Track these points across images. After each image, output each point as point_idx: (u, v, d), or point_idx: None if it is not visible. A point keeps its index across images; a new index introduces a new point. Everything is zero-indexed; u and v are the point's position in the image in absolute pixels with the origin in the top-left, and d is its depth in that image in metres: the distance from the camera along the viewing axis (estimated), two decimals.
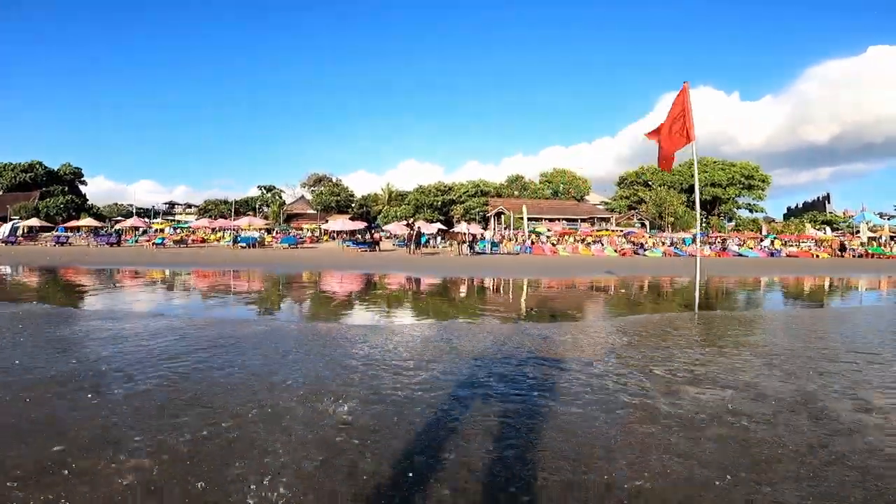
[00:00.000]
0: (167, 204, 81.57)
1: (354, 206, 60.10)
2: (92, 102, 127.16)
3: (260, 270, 15.30)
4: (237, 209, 56.23)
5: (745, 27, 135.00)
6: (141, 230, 41.60)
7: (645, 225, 48.03)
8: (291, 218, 57.71)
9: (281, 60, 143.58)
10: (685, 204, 50.63)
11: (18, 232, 40.02)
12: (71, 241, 35.46)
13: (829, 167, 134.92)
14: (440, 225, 43.27)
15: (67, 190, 53.39)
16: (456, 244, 28.50)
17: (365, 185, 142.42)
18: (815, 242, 38.77)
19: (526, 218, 35.31)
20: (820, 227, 49.87)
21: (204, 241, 37.68)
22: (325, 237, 43.54)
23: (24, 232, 40.54)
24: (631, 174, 59.56)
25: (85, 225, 40.72)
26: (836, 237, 41.12)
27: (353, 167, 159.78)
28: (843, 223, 52.41)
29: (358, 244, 31.11)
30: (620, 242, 34.55)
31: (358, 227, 38.83)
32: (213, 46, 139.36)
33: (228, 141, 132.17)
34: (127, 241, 35.77)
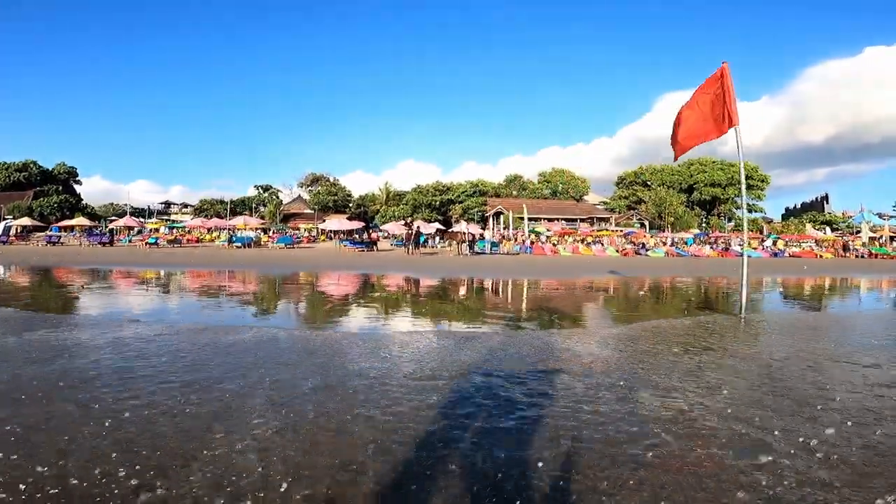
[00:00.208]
0: (163, 204, 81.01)
1: (352, 205, 59.73)
2: (89, 102, 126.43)
3: (251, 272, 14.76)
4: (234, 209, 55.79)
5: (743, 27, 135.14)
6: (136, 230, 41.16)
7: (644, 225, 47.74)
8: (288, 218, 57.29)
9: (279, 60, 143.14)
10: (685, 204, 50.42)
11: (11, 231, 39.64)
12: (63, 240, 34.90)
13: (825, 168, 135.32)
14: (438, 225, 42.91)
15: (62, 189, 52.85)
16: (455, 244, 28.07)
17: (363, 185, 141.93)
18: (815, 243, 38.53)
19: (526, 218, 34.91)
20: (820, 227, 49.67)
21: (199, 240, 37.20)
22: (322, 237, 43.13)
23: (17, 232, 40.07)
24: (630, 174, 59.26)
25: (78, 224, 40.18)
26: (837, 237, 40.89)
27: (350, 167, 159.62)
28: (842, 223, 52.25)
29: (355, 244, 30.70)
30: (621, 242, 34.20)
31: (355, 226, 38.39)
32: (211, 46, 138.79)
33: (226, 141, 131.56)
34: (120, 240, 35.25)
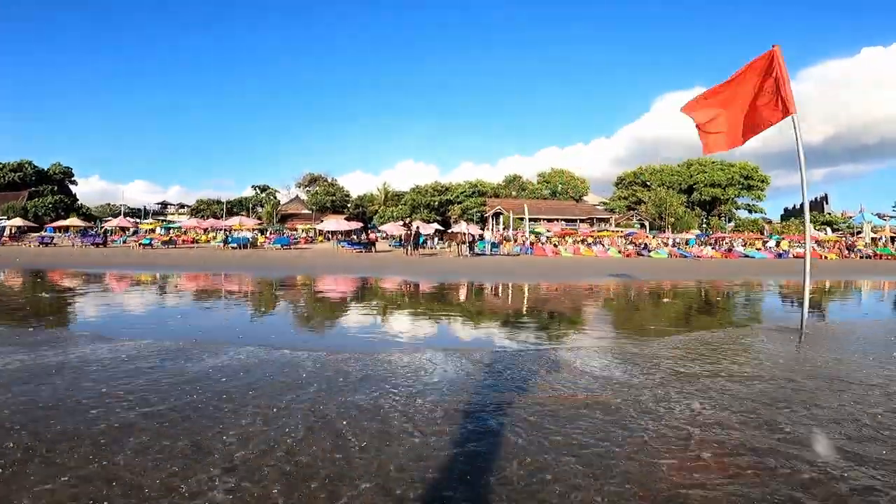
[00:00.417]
0: (159, 204, 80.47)
1: (350, 206, 59.32)
2: (88, 103, 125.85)
3: (242, 275, 14.27)
4: (231, 209, 55.35)
5: (741, 28, 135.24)
6: (131, 230, 40.73)
7: (644, 226, 47.46)
8: (286, 218, 56.86)
9: (277, 61, 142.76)
10: (684, 204, 50.11)
11: (5, 232, 39.15)
12: (57, 241, 34.42)
13: (823, 168, 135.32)
14: (437, 225, 42.56)
15: (57, 190, 52.30)
16: (455, 245, 27.68)
17: (361, 185, 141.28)
18: (816, 243, 38.23)
19: (527, 218, 34.56)
20: (820, 227, 49.44)
21: (195, 241, 36.76)
22: (319, 238, 42.73)
23: (11, 232, 39.57)
24: (629, 174, 58.92)
25: (72, 225, 39.72)
26: (838, 238, 40.63)
27: (349, 168, 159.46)
28: (842, 224, 52.04)
29: (353, 245, 30.27)
30: (622, 243, 33.86)
31: (353, 227, 37.97)
32: (210, 47, 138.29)
33: (224, 142, 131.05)
34: (114, 241, 34.80)
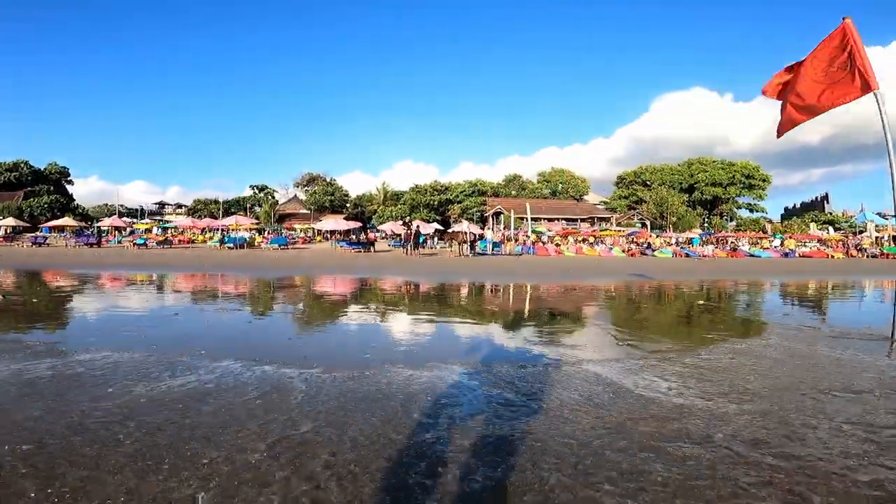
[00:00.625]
0: (157, 204, 79.95)
1: (349, 205, 58.85)
2: (86, 103, 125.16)
3: (233, 276, 13.84)
4: (228, 209, 54.84)
5: (739, 28, 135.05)
6: (128, 230, 40.33)
7: (646, 225, 47.10)
8: (284, 218, 56.35)
9: (276, 61, 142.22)
10: (685, 203, 49.72)
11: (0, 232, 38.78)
12: (51, 241, 33.93)
13: (820, 168, 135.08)
14: (437, 225, 42.13)
15: (53, 190, 51.78)
16: (456, 245, 27.21)
17: (360, 186, 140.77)
18: (819, 242, 37.88)
19: (529, 217, 34.12)
20: (822, 227, 49.16)
21: (191, 241, 36.28)
22: (318, 238, 42.28)
23: (6, 232, 39.13)
24: (629, 174, 58.60)
25: (66, 224, 39.28)
26: (842, 237, 40.29)
27: (348, 168, 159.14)
28: (844, 223, 51.74)
29: (352, 245, 29.79)
30: (624, 242, 33.43)
31: (352, 226, 37.49)
32: (209, 47, 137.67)
33: (223, 142, 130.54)
34: (109, 241, 34.34)
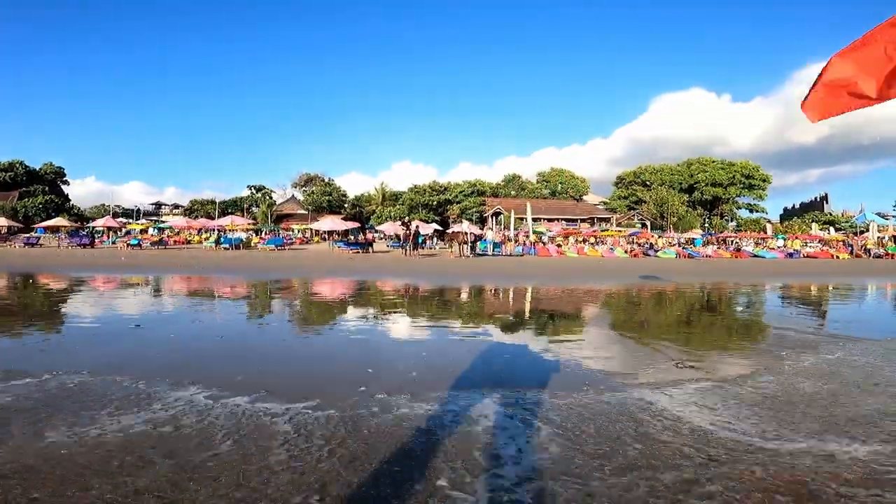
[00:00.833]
0: (154, 205, 79.46)
1: (347, 206, 58.39)
2: (85, 103, 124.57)
3: (224, 278, 13.36)
4: (225, 209, 54.36)
5: (737, 28, 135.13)
6: (124, 231, 39.92)
7: (646, 225, 46.84)
8: (282, 218, 55.90)
9: (275, 62, 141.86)
10: (685, 204, 49.47)
11: None
12: (44, 242, 33.45)
13: (818, 169, 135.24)
14: (436, 225, 41.76)
15: (48, 190, 51.32)
16: (456, 245, 26.79)
17: (358, 186, 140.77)
18: (820, 242, 37.60)
19: (530, 217, 33.74)
20: (823, 227, 48.96)
21: (187, 242, 35.83)
22: (316, 238, 41.87)
23: (1, 233, 38.70)
24: (629, 174, 58.37)
25: (59, 225, 38.84)
26: (843, 237, 40.05)
27: (346, 168, 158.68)
28: (844, 223, 51.56)
29: (350, 245, 29.39)
30: (625, 243, 33.05)
31: (349, 227, 37.07)
32: (208, 48, 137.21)
33: (221, 143, 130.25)
34: (103, 242, 33.88)
